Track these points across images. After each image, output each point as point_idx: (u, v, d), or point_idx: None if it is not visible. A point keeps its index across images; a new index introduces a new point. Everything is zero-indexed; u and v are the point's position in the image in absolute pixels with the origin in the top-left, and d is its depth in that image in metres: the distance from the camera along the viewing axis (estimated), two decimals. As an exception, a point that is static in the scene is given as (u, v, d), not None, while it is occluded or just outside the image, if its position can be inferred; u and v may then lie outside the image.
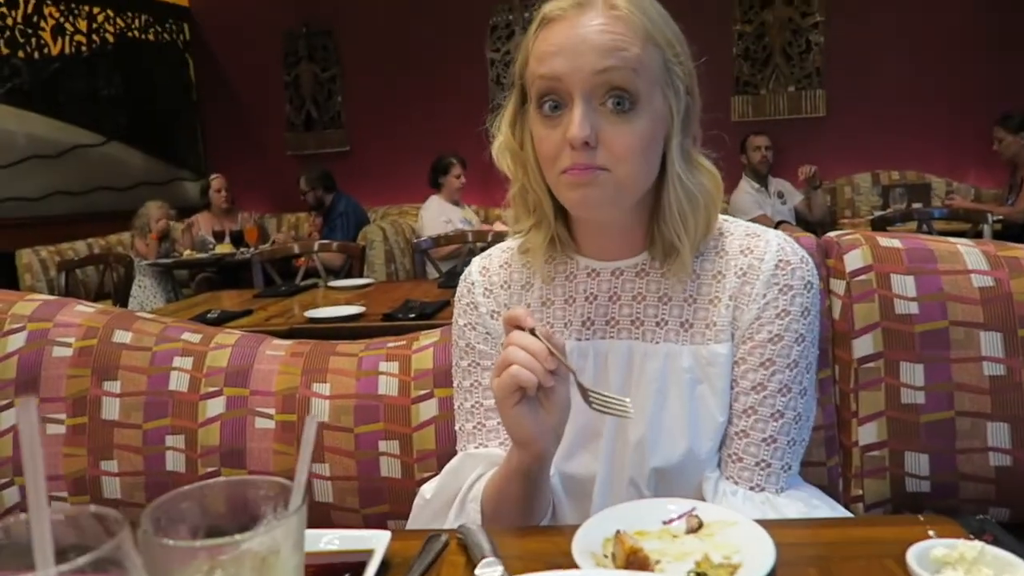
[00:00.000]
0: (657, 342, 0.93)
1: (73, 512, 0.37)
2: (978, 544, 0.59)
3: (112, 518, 0.37)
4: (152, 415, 1.31)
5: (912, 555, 0.59)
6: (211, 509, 0.48)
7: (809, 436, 0.97)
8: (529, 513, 0.88)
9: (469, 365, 1.03)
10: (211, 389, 1.31)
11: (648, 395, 0.92)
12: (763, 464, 0.90)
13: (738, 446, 0.91)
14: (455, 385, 1.07)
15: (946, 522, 0.74)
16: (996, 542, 0.81)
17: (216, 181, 5.16)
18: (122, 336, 1.33)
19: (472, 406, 1.02)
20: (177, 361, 1.33)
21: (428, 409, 1.27)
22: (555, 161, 0.85)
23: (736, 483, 0.91)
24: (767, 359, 0.90)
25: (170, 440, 1.30)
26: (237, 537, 0.44)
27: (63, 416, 1.31)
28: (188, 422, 1.30)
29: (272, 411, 1.29)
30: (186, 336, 1.36)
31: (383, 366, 1.30)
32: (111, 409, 1.31)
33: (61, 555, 0.34)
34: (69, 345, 1.31)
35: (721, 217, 0.97)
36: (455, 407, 1.07)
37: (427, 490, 0.99)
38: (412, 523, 1.03)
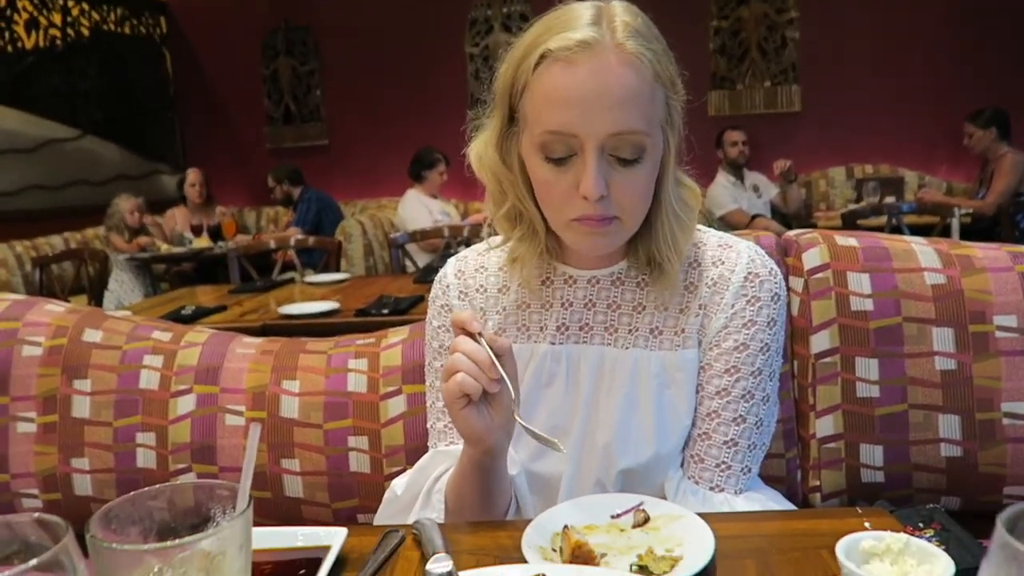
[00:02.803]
0: (627, 348, 0.96)
1: (16, 519, 0.38)
2: (903, 536, 0.62)
3: (55, 524, 0.38)
4: (122, 413, 1.32)
5: (841, 547, 0.61)
6: (162, 512, 0.50)
7: (770, 441, 1.00)
8: (490, 505, 0.90)
9: (441, 366, 1.05)
10: (181, 387, 1.32)
11: (618, 400, 0.95)
12: (723, 466, 0.93)
13: (700, 447, 0.95)
14: (427, 384, 1.09)
15: (882, 514, 0.77)
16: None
17: (192, 175, 5.13)
18: (92, 335, 1.34)
19: (444, 405, 1.04)
20: (147, 359, 1.34)
21: (396, 405, 1.28)
22: (563, 207, 0.86)
23: (697, 483, 0.94)
24: (732, 366, 0.93)
25: (140, 437, 1.31)
26: (184, 540, 0.45)
27: (33, 415, 1.31)
28: (158, 419, 1.31)
29: (242, 408, 1.30)
30: (156, 335, 1.37)
31: (352, 363, 1.32)
32: (81, 407, 1.32)
33: (5, 561, 0.36)
34: (39, 344, 1.32)
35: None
36: (427, 405, 1.09)
37: (398, 486, 1.02)
38: (380, 516, 1.05)
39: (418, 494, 0.96)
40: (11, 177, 5.13)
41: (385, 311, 2.37)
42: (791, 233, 1.28)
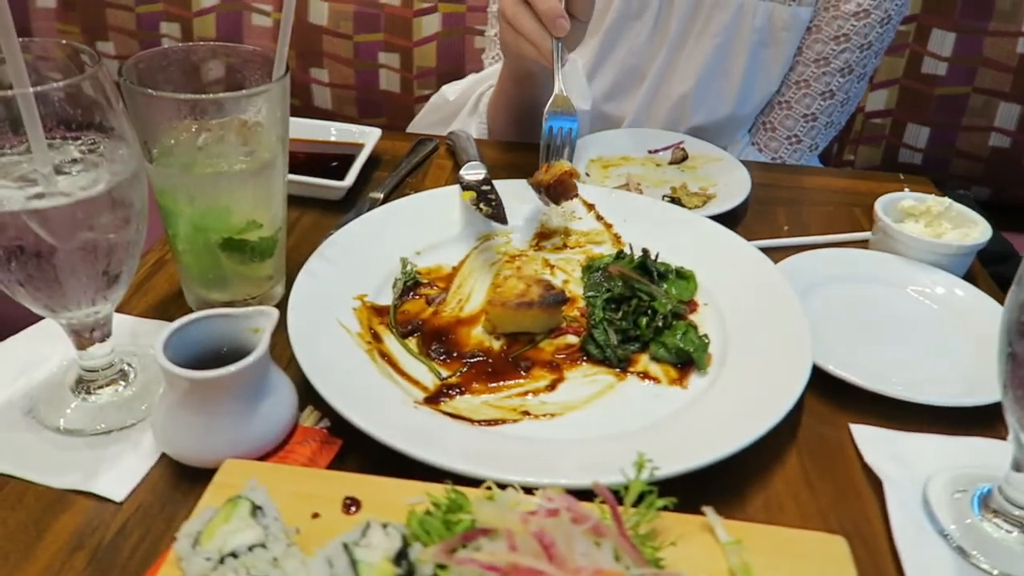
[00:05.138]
0: None
1: (47, 43, 0.36)
2: (946, 200, 0.61)
3: (86, 52, 0.36)
4: (145, -1, 1.26)
5: (881, 203, 0.60)
6: (198, 73, 0.48)
7: (845, 121, 0.95)
8: (518, 131, 0.86)
9: None
10: (204, -23, 1.24)
11: (707, 49, 0.87)
12: (794, 139, 0.89)
13: (776, 116, 0.90)
14: None
15: (924, 183, 0.75)
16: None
17: None
18: (103, -96, 1.22)
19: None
20: (166, -59, 1.24)
21: (431, 24, 1.21)
22: None
23: (761, 151, 0.91)
24: (843, 34, 0.84)
25: (165, 27, 1.26)
26: (221, 95, 0.44)
27: (50, -11, 1.25)
28: (181, 10, 1.25)
29: (268, 8, 1.24)
30: (173, -88, 1.24)
31: (386, -29, 1.22)
32: (100, -13, 1.26)
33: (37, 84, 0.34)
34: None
35: None
36: (488, 12, 1.00)
37: (450, 92, 0.96)
38: (421, 119, 1.01)
39: (467, 101, 0.93)
40: None
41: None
42: None
